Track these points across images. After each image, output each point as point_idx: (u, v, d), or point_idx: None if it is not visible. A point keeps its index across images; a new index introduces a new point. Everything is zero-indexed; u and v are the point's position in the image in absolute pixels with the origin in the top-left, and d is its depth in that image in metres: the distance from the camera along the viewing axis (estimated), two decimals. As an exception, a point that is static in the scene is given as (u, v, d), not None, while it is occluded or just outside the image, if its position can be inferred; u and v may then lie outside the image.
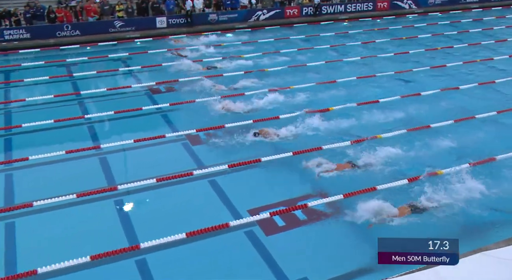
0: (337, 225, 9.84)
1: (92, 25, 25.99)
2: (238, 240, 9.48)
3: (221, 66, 20.67)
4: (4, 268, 8.88)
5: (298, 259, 8.90)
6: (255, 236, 9.52)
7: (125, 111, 15.62)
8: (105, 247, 9.12)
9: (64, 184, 11.45)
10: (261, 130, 13.72)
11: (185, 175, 11.67)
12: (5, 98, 17.61)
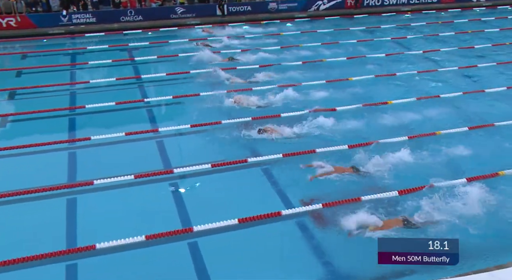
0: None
1: (154, 10, 26.57)
2: (288, 229, 9.49)
3: (277, 57, 20.59)
4: (66, 241, 9.32)
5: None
6: (306, 226, 9.49)
7: (183, 96, 15.88)
8: (160, 228, 9.39)
9: (123, 164, 11.83)
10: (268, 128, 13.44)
11: (239, 162, 11.77)
12: (71, 79, 18.34)
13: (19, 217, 10.20)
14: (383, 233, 8.83)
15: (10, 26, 24.20)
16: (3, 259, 8.61)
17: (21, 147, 12.82)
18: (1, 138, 13.89)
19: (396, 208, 9.74)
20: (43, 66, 19.66)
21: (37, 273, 8.59)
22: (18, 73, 18.92)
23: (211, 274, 8.37)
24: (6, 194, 10.69)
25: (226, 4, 27.32)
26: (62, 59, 20.97)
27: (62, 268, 8.68)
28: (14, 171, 11.98)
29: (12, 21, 24.18)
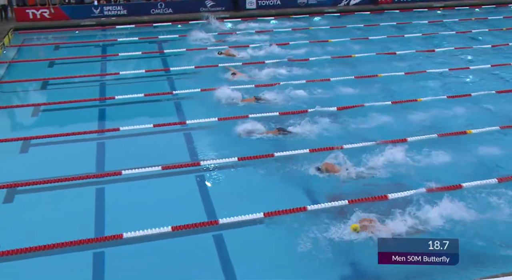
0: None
1: (184, 3, 26.69)
2: (315, 224, 9.44)
3: (305, 52, 20.46)
4: (94, 230, 9.49)
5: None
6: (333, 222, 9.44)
7: (211, 89, 15.92)
8: (185, 219, 9.48)
9: (151, 155, 11.99)
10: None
11: (265, 156, 11.77)
12: (101, 70, 18.62)
13: (49, 205, 10.44)
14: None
15: (44, 17, 24.67)
16: (33, 245, 8.82)
17: (52, 136, 13.11)
18: (34, 127, 14.22)
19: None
20: (75, 57, 19.99)
21: (65, 260, 8.76)
22: (50, 64, 19.30)
23: (236, 266, 8.41)
24: (37, 182, 10.94)
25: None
26: (93, 51, 21.27)
27: (89, 256, 8.84)
28: (45, 160, 12.24)
29: (46, 13, 24.65)
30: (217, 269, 8.39)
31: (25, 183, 10.93)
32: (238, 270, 8.34)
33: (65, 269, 8.52)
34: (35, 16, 24.54)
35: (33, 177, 11.10)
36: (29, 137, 13.13)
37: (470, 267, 8.06)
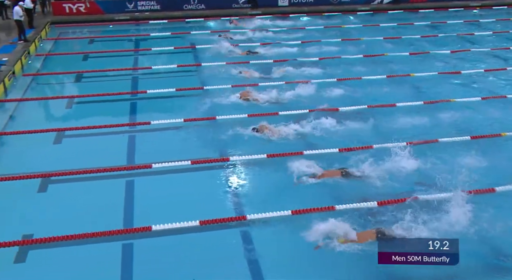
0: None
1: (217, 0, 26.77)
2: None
3: (338, 50, 20.28)
4: (123, 221, 9.64)
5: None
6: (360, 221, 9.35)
7: (241, 86, 15.95)
8: (213, 214, 9.54)
9: (181, 150, 12.08)
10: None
11: (294, 154, 11.73)
12: (134, 64, 18.87)
13: (81, 195, 10.64)
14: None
15: (80, 12, 25.15)
16: (64, 234, 9.02)
17: (85, 128, 13.35)
18: (67, 119, 14.51)
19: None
20: (108, 51, 20.30)
21: (94, 250, 8.92)
22: (85, 57, 19.65)
23: (261, 263, 8.41)
24: (70, 173, 11.17)
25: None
26: (126, 45, 21.56)
27: (118, 247, 8.99)
28: (78, 151, 12.47)
29: (82, 7, 25.13)
30: (243, 265, 8.41)
31: (58, 173, 11.17)
32: (263, 266, 8.34)
33: (95, 259, 8.67)
34: (71, 10, 25.03)
35: (66, 168, 11.34)
36: (62, 128, 13.43)
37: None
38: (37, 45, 20.56)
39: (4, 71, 16.67)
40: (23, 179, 10.98)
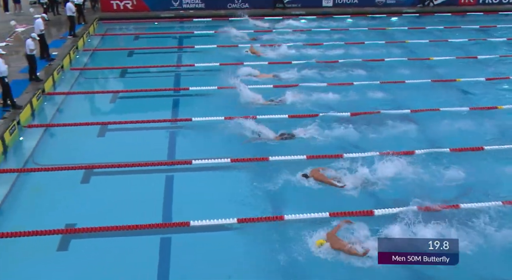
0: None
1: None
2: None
3: (381, 52, 19.96)
4: (162, 215, 9.80)
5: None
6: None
7: (284, 87, 15.91)
8: (251, 213, 9.61)
9: (221, 147, 12.19)
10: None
11: (335, 157, 11.63)
12: (177, 62, 19.10)
13: (122, 188, 10.89)
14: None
15: (127, 9, 25.66)
16: (105, 225, 9.25)
17: (128, 123, 13.64)
18: (111, 113, 14.85)
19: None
20: (153, 48, 20.62)
21: (133, 242, 9.12)
22: (130, 53, 20.05)
23: (298, 262, 8.39)
24: (112, 165, 11.42)
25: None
26: (170, 42, 21.85)
27: (156, 240, 9.16)
28: (120, 145, 12.75)
29: (129, 4, 25.63)
30: (279, 264, 8.38)
31: (101, 166, 11.45)
32: (300, 265, 8.32)
33: (133, 251, 8.86)
34: (119, 7, 25.58)
35: (108, 161, 11.62)
36: (106, 122, 13.76)
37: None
38: (85, 41, 21.11)
39: (54, 65, 17.21)
40: (68, 170, 11.33)
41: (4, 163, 11.78)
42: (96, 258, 8.70)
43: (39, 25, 17.29)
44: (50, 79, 16.27)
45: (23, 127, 13.34)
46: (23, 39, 19.23)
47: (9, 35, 21.01)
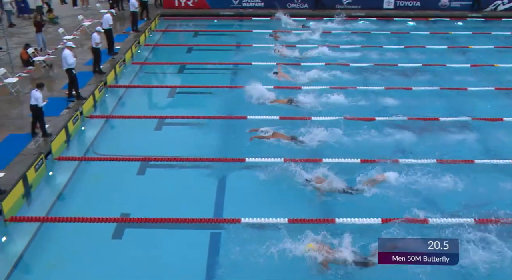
0: None
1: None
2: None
3: (443, 57, 19.38)
4: (213, 211, 9.94)
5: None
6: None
7: (339, 88, 15.75)
8: (301, 214, 9.60)
9: (274, 147, 12.17)
10: None
11: (390, 161, 11.40)
12: (235, 59, 19.16)
13: (176, 181, 11.13)
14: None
15: (188, 6, 26.19)
16: (158, 216, 9.51)
17: (184, 118, 13.91)
18: (168, 107, 15.18)
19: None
20: (211, 45, 20.89)
21: (184, 235, 9.29)
22: (189, 49, 20.42)
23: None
24: (167, 159, 11.69)
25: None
26: (228, 40, 22.05)
27: (207, 235, 9.30)
28: (176, 139, 13.01)
29: (190, 1, 26.13)
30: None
31: (157, 159, 11.75)
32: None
33: (184, 244, 9.02)
34: (180, 4, 26.12)
35: (164, 154, 11.90)
36: (163, 116, 14.08)
37: None
38: (146, 36, 21.69)
39: (116, 59, 17.80)
40: (125, 161, 11.70)
41: (66, 151, 12.30)
42: (147, 248, 8.92)
43: (107, 20, 17.88)
44: (112, 72, 16.84)
45: (86, 117, 13.87)
46: (89, 33, 20.04)
47: (76, 29, 21.90)
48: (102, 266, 8.51)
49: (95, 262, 8.61)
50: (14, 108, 13.87)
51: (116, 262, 8.63)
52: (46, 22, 21.45)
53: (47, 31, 20.34)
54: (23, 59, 17.06)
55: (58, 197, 10.56)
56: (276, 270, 8.25)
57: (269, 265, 8.28)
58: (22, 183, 10.21)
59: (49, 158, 11.56)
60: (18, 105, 13.99)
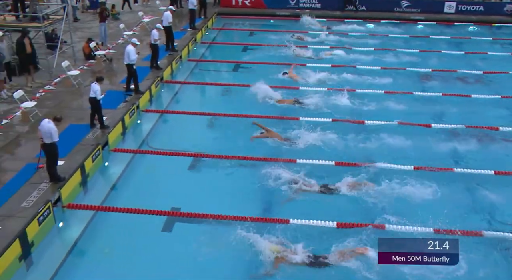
0: None
1: (379, 2, 26.24)
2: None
3: (506, 64, 18.65)
4: (261, 210, 9.99)
5: None
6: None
7: (393, 93, 15.46)
8: (350, 218, 9.49)
9: (326, 147, 12.11)
10: None
11: (445, 169, 11.08)
12: (289, 60, 19.07)
13: (226, 178, 11.26)
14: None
15: (245, 5, 26.39)
16: (208, 213, 9.67)
17: (237, 116, 13.98)
18: (221, 104, 15.29)
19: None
20: (266, 45, 20.88)
21: (231, 232, 9.26)
22: (244, 48, 20.56)
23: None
24: (218, 156, 11.82)
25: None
26: (283, 39, 21.94)
27: (254, 232, 9.26)
28: (228, 136, 13.10)
29: (247, 1, 26.32)
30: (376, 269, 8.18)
31: (208, 155, 11.89)
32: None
33: (231, 240, 9.02)
34: (237, 3, 26.37)
35: (215, 151, 12.02)
36: (216, 113, 14.23)
37: None
38: (203, 33, 22.02)
39: (173, 55, 18.17)
40: (178, 155, 11.92)
41: (122, 143, 12.67)
42: (195, 242, 8.94)
43: (167, 17, 18.26)
44: (168, 68, 17.21)
45: (142, 111, 14.24)
46: (148, 29, 20.56)
47: (136, 25, 22.50)
48: (151, 257, 8.69)
49: (145, 253, 8.81)
50: (75, 99, 14.42)
51: (164, 255, 8.78)
52: (109, 17, 22.12)
53: (109, 26, 20.99)
54: (85, 52, 17.72)
55: (112, 187, 10.90)
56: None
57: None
58: (79, 172, 10.62)
59: (105, 149, 11.95)
60: (79, 96, 14.54)
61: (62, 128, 12.08)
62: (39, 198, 9.51)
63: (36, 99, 14.03)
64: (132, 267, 8.51)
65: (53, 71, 16.10)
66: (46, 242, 9.06)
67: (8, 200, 9.46)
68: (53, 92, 14.78)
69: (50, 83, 15.35)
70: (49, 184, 9.92)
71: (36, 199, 9.45)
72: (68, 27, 18.35)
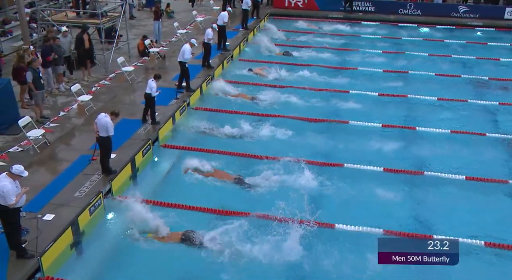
0: None
1: (435, 6, 25.65)
2: None
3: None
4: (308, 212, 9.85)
5: None
6: None
7: (447, 100, 15.09)
8: (399, 227, 9.36)
9: (375, 154, 11.95)
10: None
11: (501, 181, 10.74)
12: (341, 63, 18.94)
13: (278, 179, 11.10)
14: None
15: (297, 6, 26.33)
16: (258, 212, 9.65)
17: (292, 118, 13.95)
18: (269, 105, 15.20)
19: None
20: (317, 47, 20.64)
21: (274, 232, 9.19)
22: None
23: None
24: (273, 158, 11.71)
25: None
26: (335, 43, 21.72)
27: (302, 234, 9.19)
28: (276, 138, 13.06)
29: (300, 2, 26.24)
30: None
31: (257, 156, 11.89)
32: None
33: (276, 241, 9.00)
34: (290, 4, 26.34)
35: (264, 152, 11.96)
36: (265, 114, 14.18)
37: None
38: (255, 34, 22.08)
39: (225, 54, 18.35)
40: (224, 155, 11.97)
41: (171, 140, 12.87)
42: (242, 241, 8.95)
43: (223, 17, 18.46)
44: (220, 67, 17.38)
45: (192, 108, 14.45)
46: (201, 28, 20.84)
47: (190, 24, 22.86)
48: (197, 252, 8.77)
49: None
50: (128, 94, 14.81)
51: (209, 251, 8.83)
52: (163, 15, 22.58)
53: (163, 24, 21.40)
54: (140, 49, 18.16)
55: (161, 182, 11.10)
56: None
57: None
58: (130, 166, 10.89)
59: (156, 144, 12.20)
60: (132, 92, 14.91)
61: (115, 122, 12.47)
62: (91, 188, 9.84)
63: (92, 93, 14.51)
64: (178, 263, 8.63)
65: (108, 66, 16.60)
66: (96, 231, 9.32)
67: (62, 189, 9.84)
68: (107, 87, 15.24)
69: (105, 78, 15.85)
70: (101, 176, 10.25)
71: (89, 190, 9.80)
72: (124, 24, 18.85)
